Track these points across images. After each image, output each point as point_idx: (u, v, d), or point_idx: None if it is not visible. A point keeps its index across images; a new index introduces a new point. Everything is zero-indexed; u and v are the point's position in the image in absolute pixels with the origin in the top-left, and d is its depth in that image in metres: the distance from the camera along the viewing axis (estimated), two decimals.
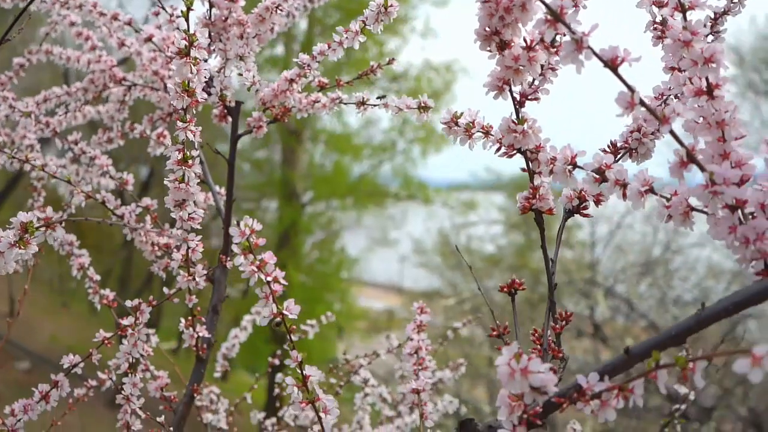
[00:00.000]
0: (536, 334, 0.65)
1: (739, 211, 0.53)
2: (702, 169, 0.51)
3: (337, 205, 11.51)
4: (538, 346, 0.65)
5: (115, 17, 1.11)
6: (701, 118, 0.55)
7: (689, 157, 0.52)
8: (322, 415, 0.65)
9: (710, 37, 0.72)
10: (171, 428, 0.94)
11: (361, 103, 0.94)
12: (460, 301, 8.39)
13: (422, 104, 0.84)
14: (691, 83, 0.56)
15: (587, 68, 0.53)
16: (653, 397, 6.13)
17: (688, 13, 0.59)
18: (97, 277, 1.11)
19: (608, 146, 0.69)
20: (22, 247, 0.68)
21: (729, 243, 0.52)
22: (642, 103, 0.51)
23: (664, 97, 0.70)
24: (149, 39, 1.06)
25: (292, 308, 0.63)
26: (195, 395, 0.99)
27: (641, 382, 0.49)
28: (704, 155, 0.56)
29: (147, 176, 9.46)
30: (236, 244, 0.61)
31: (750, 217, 0.52)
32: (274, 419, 1.40)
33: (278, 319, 0.63)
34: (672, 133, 0.51)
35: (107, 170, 1.10)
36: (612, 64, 0.51)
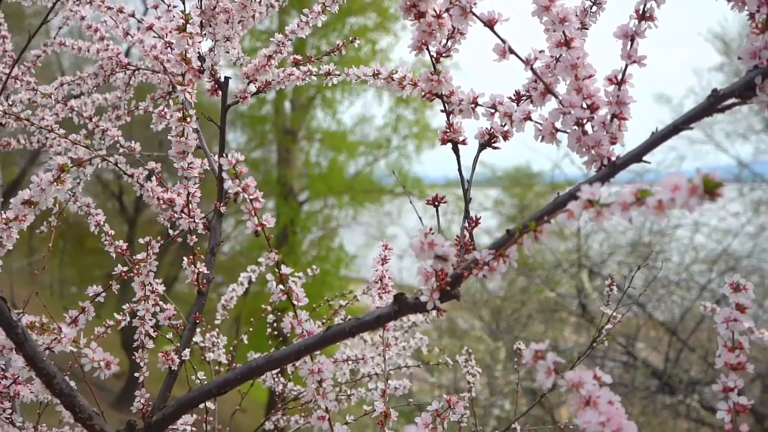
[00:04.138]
0: (457, 238, 0.85)
1: (589, 127, 0.73)
2: (555, 96, 0.71)
3: (334, 202, 11.71)
4: (458, 246, 0.85)
5: (120, 10, 1.30)
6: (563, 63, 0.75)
7: (546, 89, 0.72)
8: (295, 302, 0.85)
9: (594, 8, 0.92)
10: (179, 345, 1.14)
11: (327, 74, 1.15)
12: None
13: (375, 72, 1.03)
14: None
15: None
16: (638, 375, 6.34)
17: None
18: (112, 232, 1.30)
19: (513, 94, 0.89)
20: (59, 184, 0.88)
21: (577, 150, 0.72)
22: (511, 50, 0.71)
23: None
24: (150, 27, 1.25)
25: (269, 220, 0.83)
26: (197, 322, 1.19)
27: (514, 247, 0.69)
28: (567, 91, 0.76)
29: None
30: (225, 170, 0.81)
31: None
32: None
33: (259, 228, 0.83)
34: (533, 71, 0.71)
35: (117, 140, 1.29)
36: (490, 23, 0.71)
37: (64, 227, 1.42)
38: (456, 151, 0.84)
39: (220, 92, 1.23)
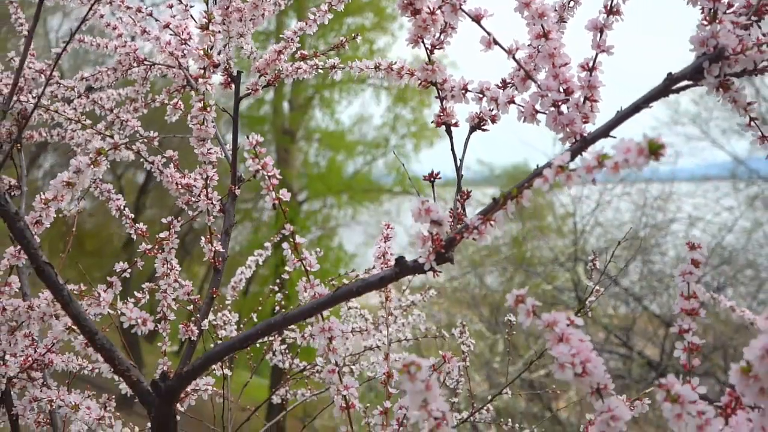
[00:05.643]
0: (451, 211, 0.96)
1: (564, 108, 0.83)
2: (535, 82, 0.82)
3: (333, 202, 11.82)
4: (451, 218, 0.95)
5: (138, 10, 1.41)
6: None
7: (527, 75, 0.82)
8: (308, 267, 0.95)
9: (572, 2, 1.03)
10: (198, 315, 1.25)
11: (333, 67, 1.25)
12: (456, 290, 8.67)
13: (377, 65, 1.14)
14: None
15: None
16: (635, 367, 6.45)
17: None
18: (132, 215, 1.41)
19: (500, 81, 0.99)
20: (96, 166, 0.98)
21: (554, 128, 0.82)
22: (495, 42, 0.81)
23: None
24: (167, 26, 1.36)
25: (285, 194, 0.94)
26: (214, 296, 1.30)
27: (501, 213, 0.80)
28: (546, 77, 0.86)
29: (144, 180, 9.81)
30: (246, 151, 0.91)
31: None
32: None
33: (276, 202, 0.94)
34: (515, 60, 0.82)
35: (137, 130, 1.39)
36: (477, 18, 0.82)
37: (64, 229, 1.52)
38: (449, 132, 0.95)
39: (233, 85, 1.33)
